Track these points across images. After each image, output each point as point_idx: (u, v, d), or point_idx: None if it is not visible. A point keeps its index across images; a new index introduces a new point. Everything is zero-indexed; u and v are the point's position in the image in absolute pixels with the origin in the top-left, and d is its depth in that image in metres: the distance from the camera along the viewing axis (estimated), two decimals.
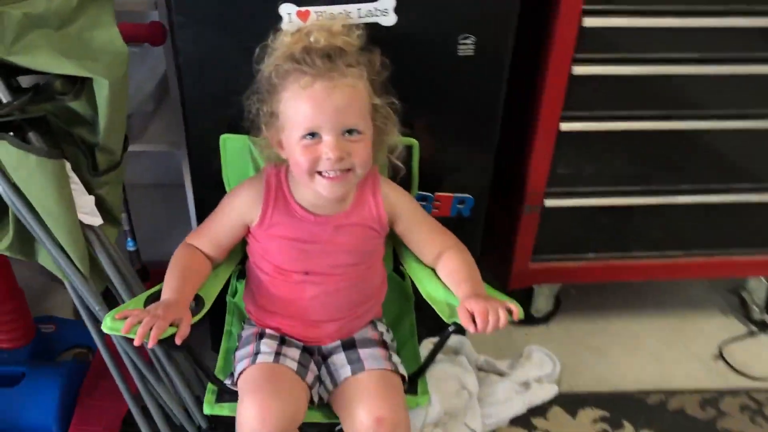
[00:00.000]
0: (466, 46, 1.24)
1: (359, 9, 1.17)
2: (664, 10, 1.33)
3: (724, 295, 1.93)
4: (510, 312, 1.13)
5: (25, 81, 1.23)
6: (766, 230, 1.69)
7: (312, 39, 1.09)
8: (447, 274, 1.23)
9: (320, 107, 1.07)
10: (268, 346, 1.20)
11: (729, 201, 1.61)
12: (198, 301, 1.18)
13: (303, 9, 1.17)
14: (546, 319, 1.81)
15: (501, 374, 1.62)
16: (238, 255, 1.31)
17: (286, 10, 1.16)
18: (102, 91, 1.17)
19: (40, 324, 1.64)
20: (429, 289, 1.24)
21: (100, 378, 1.50)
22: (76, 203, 1.22)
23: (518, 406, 1.55)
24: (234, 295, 1.41)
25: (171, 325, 1.07)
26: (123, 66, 1.21)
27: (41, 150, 1.15)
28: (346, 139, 1.10)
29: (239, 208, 1.22)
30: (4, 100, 1.15)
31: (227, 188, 1.32)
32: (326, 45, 1.09)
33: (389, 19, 1.19)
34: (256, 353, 1.19)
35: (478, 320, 1.10)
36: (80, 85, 1.19)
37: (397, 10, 1.18)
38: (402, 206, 1.25)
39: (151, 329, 1.04)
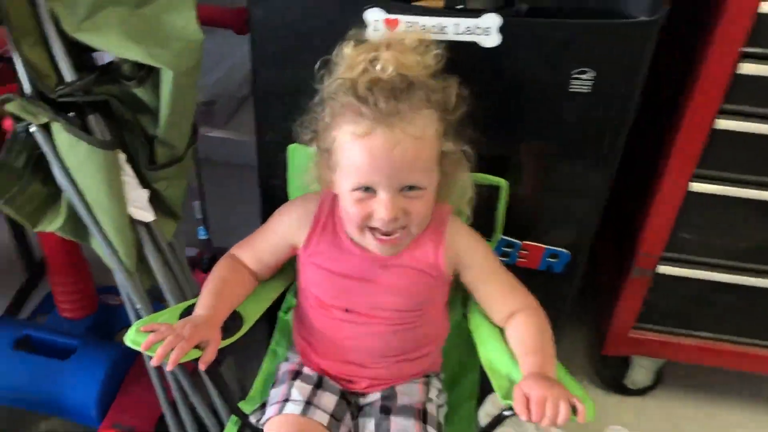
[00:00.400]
0: (581, 82, 1.03)
1: (457, 24, 0.99)
2: None
3: None
4: (575, 411, 0.94)
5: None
6: None
7: (379, 67, 0.92)
8: (515, 343, 1.05)
9: (378, 162, 0.91)
10: (300, 392, 1.07)
11: None
12: (236, 318, 1.07)
13: (392, 17, 1.00)
14: (643, 391, 1.57)
15: None
16: (294, 271, 1.19)
17: (373, 17, 1.00)
18: (167, 81, 1.08)
19: (107, 294, 1.62)
20: (491, 356, 1.07)
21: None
22: (128, 197, 1.15)
23: None
24: (287, 311, 1.29)
25: (197, 347, 0.97)
26: (194, 56, 1.10)
27: (93, 139, 1.07)
28: (404, 195, 0.94)
29: (286, 227, 1.09)
30: (68, 79, 1.08)
31: (290, 198, 1.20)
32: (394, 76, 0.91)
33: (491, 40, 1.00)
34: (286, 400, 1.06)
35: (533, 409, 0.92)
36: (146, 72, 1.10)
37: (503, 29, 0.99)
38: (471, 257, 1.07)
39: (172, 350, 0.94)
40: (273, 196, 1.21)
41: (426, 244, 1.05)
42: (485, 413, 1.42)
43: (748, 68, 1.07)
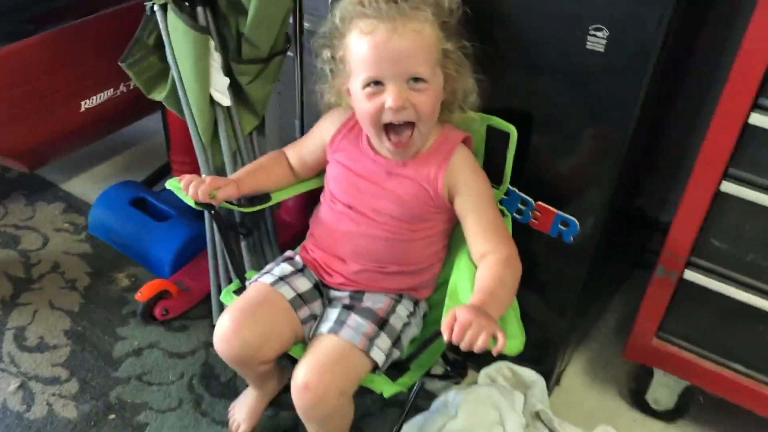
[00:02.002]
0: (597, 39, 1.05)
1: None
2: None
3: None
4: (495, 339, 0.98)
5: None
6: None
7: None
8: (477, 279, 1.11)
9: (382, 53, 1.04)
10: (281, 270, 1.23)
11: None
12: (265, 196, 1.26)
13: None
14: (667, 417, 1.48)
15: None
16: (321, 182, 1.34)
17: None
18: None
19: None
20: (457, 284, 1.14)
21: None
22: (212, 79, 1.38)
23: None
24: None
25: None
26: None
27: (189, 21, 1.32)
28: (410, 87, 1.05)
29: (324, 128, 1.26)
30: None
31: None
32: None
33: None
34: (266, 272, 1.23)
35: (456, 330, 0.98)
36: None
37: None
38: (467, 183, 1.15)
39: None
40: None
41: (431, 163, 1.15)
42: (485, 374, 1.45)
43: None
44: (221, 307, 1.55)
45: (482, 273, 1.10)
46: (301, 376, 1.09)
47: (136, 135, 2.16)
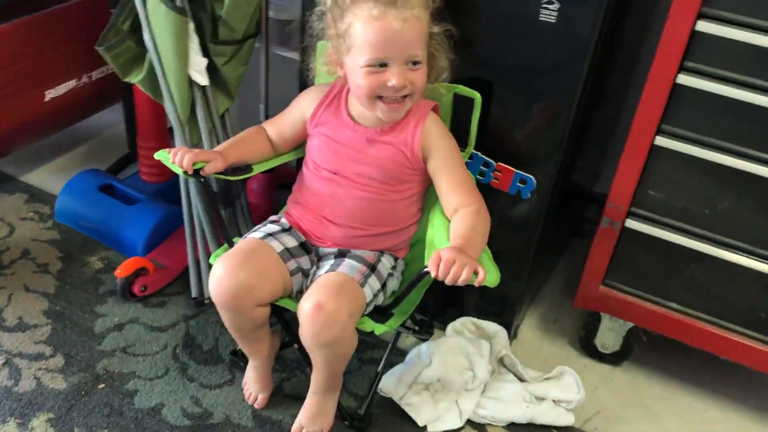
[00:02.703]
0: (549, 12, 1.21)
1: None
2: None
3: None
4: (476, 274, 1.11)
5: None
6: None
7: None
8: (452, 228, 1.23)
9: (391, 40, 1.16)
10: (268, 228, 1.33)
11: None
12: (247, 166, 1.35)
13: None
14: (614, 360, 1.65)
15: (522, 379, 1.53)
16: (300, 153, 1.44)
17: None
18: None
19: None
20: (433, 236, 1.26)
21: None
22: (190, 60, 1.47)
23: (520, 413, 1.46)
24: None
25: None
26: None
27: (170, 4, 1.40)
28: (409, 68, 1.18)
29: (303, 103, 1.36)
30: None
31: None
32: None
33: None
34: (256, 230, 1.32)
35: (441, 267, 1.11)
36: None
37: None
38: (438, 145, 1.27)
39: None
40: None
41: (407, 129, 1.27)
42: (452, 328, 1.59)
43: (704, 26, 1.19)
44: (199, 279, 1.63)
45: (457, 222, 1.23)
46: (312, 298, 1.18)
47: (92, 128, 2.20)
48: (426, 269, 1.14)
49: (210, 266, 1.30)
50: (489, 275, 1.13)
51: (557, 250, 1.92)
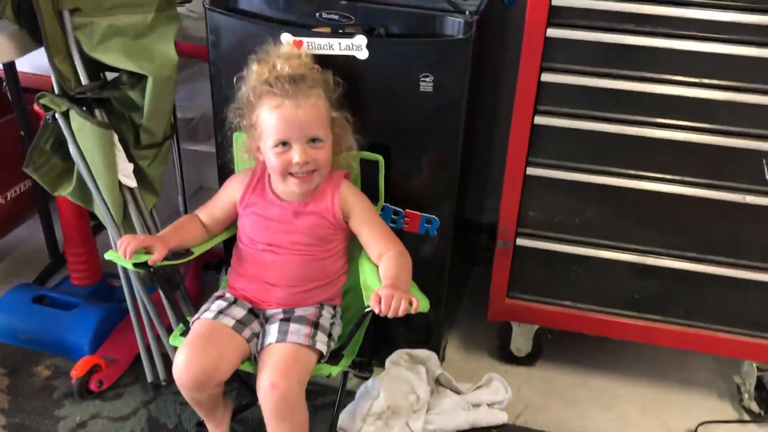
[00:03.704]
0: (426, 83, 1.49)
1: (339, 43, 1.48)
2: (619, 74, 1.49)
3: (727, 377, 1.89)
4: (411, 303, 1.33)
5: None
6: (756, 311, 1.69)
7: (278, 68, 1.42)
8: (381, 271, 1.46)
9: (289, 123, 1.39)
10: (217, 306, 1.50)
11: (706, 272, 1.65)
12: (187, 250, 1.51)
13: (298, 39, 1.49)
14: (529, 361, 1.91)
15: (458, 392, 1.76)
16: (231, 232, 1.62)
17: (286, 39, 1.50)
18: (149, 85, 1.58)
19: (111, 278, 2.06)
20: (366, 280, 1.47)
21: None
22: (118, 166, 1.63)
23: (462, 421, 1.68)
24: None
25: (148, 253, 1.42)
26: (169, 69, 1.61)
27: (96, 121, 1.57)
28: (310, 146, 1.41)
29: (231, 188, 1.56)
30: (84, 83, 1.59)
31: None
32: (290, 72, 1.41)
33: (363, 54, 1.48)
34: (205, 310, 1.49)
35: (383, 303, 1.32)
36: (137, 80, 1.60)
37: (369, 46, 1.47)
38: (356, 206, 1.50)
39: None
40: (226, 175, 1.66)
41: (326, 197, 1.49)
42: (389, 361, 1.79)
43: (547, 77, 1.51)
44: (152, 363, 1.75)
45: (384, 265, 1.46)
46: (266, 379, 1.36)
47: (7, 245, 2.26)
48: (369, 308, 1.36)
49: (161, 352, 1.43)
50: (421, 302, 1.36)
51: (463, 278, 2.19)
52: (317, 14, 1.51)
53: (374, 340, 1.83)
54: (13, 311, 1.89)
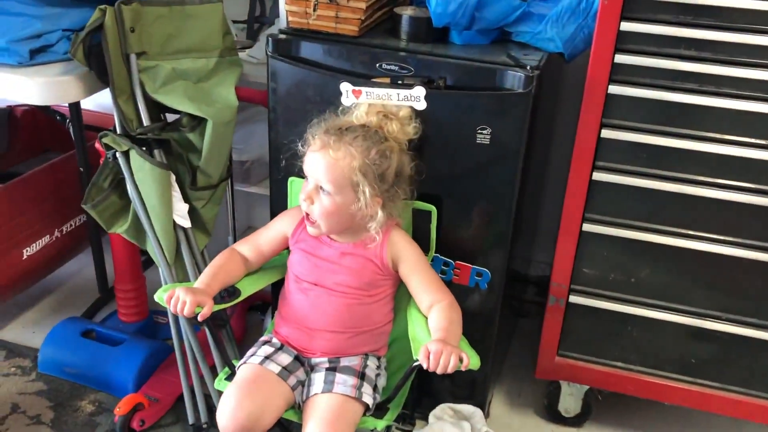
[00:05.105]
0: (483, 136, 1.48)
1: (398, 93, 1.48)
2: (680, 133, 1.47)
3: None
4: (461, 360, 1.31)
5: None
6: None
7: (367, 118, 1.45)
8: (431, 324, 1.44)
9: (310, 161, 1.42)
10: (263, 351, 1.49)
11: (766, 338, 1.59)
12: (235, 291, 1.51)
13: (357, 88, 1.51)
14: (577, 422, 1.85)
15: None
16: (280, 274, 1.62)
17: (345, 88, 1.51)
18: (209, 128, 1.61)
19: (158, 315, 2.08)
20: (415, 332, 1.45)
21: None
22: (174, 207, 1.65)
23: None
24: None
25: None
26: (229, 114, 1.64)
27: (155, 161, 1.59)
28: (318, 191, 1.41)
29: (282, 221, 1.57)
30: (145, 124, 1.62)
31: None
32: (348, 122, 1.43)
33: (421, 105, 1.48)
34: (252, 355, 1.48)
35: (432, 359, 1.30)
36: (198, 123, 1.63)
37: (427, 97, 1.47)
38: (406, 253, 1.49)
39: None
40: None
41: (375, 242, 1.48)
42: (433, 415, 1.76)
43: (607, 134, 1.50)
44: (194, 404, 1.74)
45: (435, 318, 1.43)
46: (313, 431, 1.34)
47: (59, 278, 2.30)
48: (417, 362, 1.33)
49: (203, 393, 1.41)
50: (472, 359, 1.33)
51: (509, 331, 2.15)
52: (377, 65, 1.52)
53: (417, 393, 1.80)
54: (62, 345, 1.91)
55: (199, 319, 1.41)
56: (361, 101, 1.51)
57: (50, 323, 1.99)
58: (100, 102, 2.00)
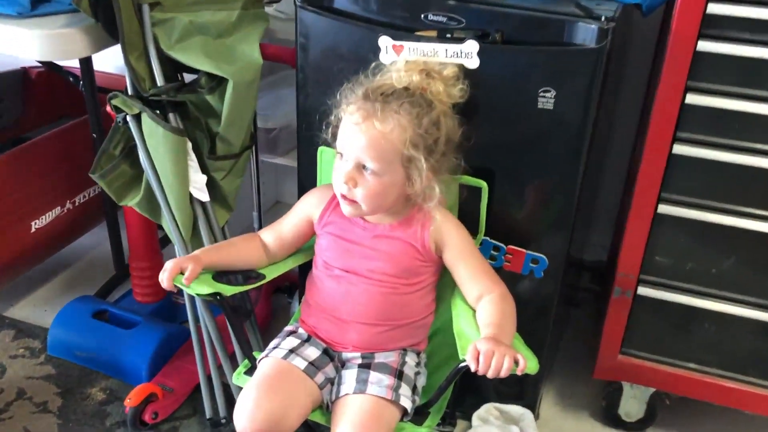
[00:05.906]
0: (546, 99, 1.26)
1: (446, 49, 1.27)
2: None
3: None
4: (516, 363, 1.11)
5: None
6: None
7: (408, 78, 1.23)
8: (480, 319, 1.24)
9: (348, 135, 1.20)
10: (288, 343, 1.31)
11: None
12: (259, 274, 1.34)
13: (398, 43, 1.30)
14: (639, 427, 1.64)
15: None
16: (308, 256, 1.43)
17: (384, 43, 1.30)
18: (229, 89, 1.42)
19: (177, 295, 1.91)
20: (461, 327, 1.26)
21: None
22: (190, 178, 1.47)
23: None
24: None
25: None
26: (252, 73, 1.44)
27: (168, 126, 1.41)
28: (359, 171, 1.20)
29: (307, 203, 1.37)
30: (159, 84, 1.44)
31: None
32: (391, 85, 1.21)
33: (473, 63, 1.27)
34: (275, 347, 1.30)
35: (482, 360, 1.10)
36: (217, 83, 1.44)
37: (481, 54, 1.26)
38: (451, 237, 1.29)
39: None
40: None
41: (416, 223, 1.28)
42: (477, 417, 1.56)
43: (692, 99, 1.26)
44: (212, 396, 1.57)
45: (485, 310, 1.23)
46: None
47: (73, 253, 2.15)
48: (464, 363, 1.14)
49: (222, 384, 1.24)
50: (530, 362, 1.13)
51: (563, 324, 1.93)
52: (422, 16, 1.31)
53: (460, 390, 1.61)
54: (71, 326, 1.76)
55: (184, 281, 1.22)
56: (402, 58, 1.30)
57: (63, 301, 1.84)
58: (119, 64, 1.82)
